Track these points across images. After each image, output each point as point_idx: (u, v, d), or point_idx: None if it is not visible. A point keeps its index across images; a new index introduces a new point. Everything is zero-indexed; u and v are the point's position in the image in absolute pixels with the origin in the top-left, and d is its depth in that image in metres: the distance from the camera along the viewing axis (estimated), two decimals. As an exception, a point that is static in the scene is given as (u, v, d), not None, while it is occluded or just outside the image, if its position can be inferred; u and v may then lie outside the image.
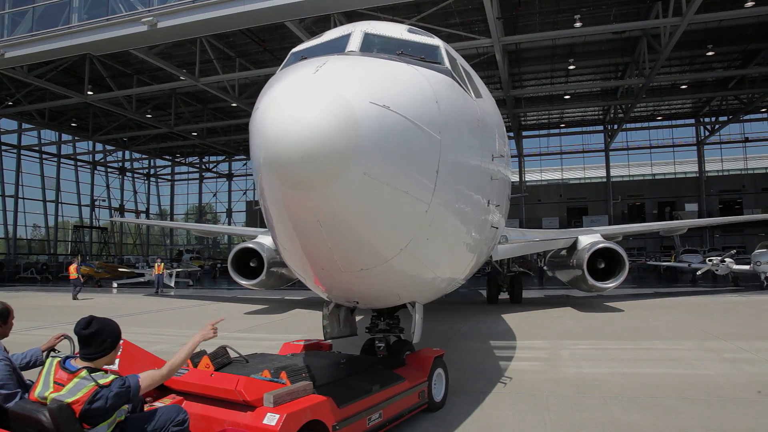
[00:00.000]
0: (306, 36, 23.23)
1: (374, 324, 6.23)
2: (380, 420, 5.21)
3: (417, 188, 3.97)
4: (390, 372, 5.82)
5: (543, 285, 28.86)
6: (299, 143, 3.23)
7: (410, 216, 4.10)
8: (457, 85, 4.87)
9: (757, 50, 32.51)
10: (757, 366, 8.68)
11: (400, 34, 5.06)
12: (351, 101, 3.37)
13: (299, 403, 4.31)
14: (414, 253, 4.43)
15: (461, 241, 5.41)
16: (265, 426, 4.01)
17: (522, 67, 35.29)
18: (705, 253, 33.71)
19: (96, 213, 56.19)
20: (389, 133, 3.55)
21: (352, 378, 5.47)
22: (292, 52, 5.36)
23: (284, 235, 4.22)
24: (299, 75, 3.61)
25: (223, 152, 58.65)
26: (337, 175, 3.36)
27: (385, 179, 3.63)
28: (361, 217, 3.77)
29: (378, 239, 4.09)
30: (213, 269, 47.56)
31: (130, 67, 31.43)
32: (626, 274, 16.64)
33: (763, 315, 15.55)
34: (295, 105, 3.34)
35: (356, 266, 4.25)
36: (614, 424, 5.89)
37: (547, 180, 55.89)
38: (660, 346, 10.65)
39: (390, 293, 5.18)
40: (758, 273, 22.44)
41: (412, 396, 5.79)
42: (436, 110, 4.08)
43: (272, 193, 3.70)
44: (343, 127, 3.27)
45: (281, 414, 4.06)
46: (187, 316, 16.88)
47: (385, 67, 4.02)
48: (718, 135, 50.37)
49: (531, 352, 10.17)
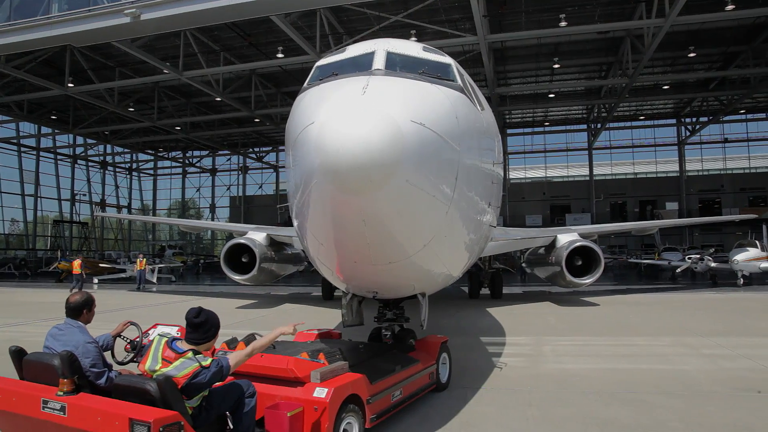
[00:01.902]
0: (292, 31, 23.13)
1: (382, 314, 6.76)
2: (401, 397, 5.82)
3: (442, 192, 4.56)
4: (406, 355, 6.46)
5: (525, 282, 29.08)
6: (355, 156, 3.77)
7: (435, 216, 4.71)
8: (469, 101, 5.39)
9: (736, 53, 33.06)
10: (733, 361, 8.85)
11: (417, 53, 5.57)
12: (397, 120, 3.95)
13: (341, 379, 4.95)
14: (433, 249, 5.01)
15: (468, 238, 5.91)
16: (316, 398, 4.62)
17: (507, 66, 35.48)
18: (685, 251, 34.26)
19: (76, 207, 55.43)
20: (425, 146, 4.15)
21: (376, 359, 6.07)
22: (318, 66, 5.84)
23: (324, 232, 4.76)
24: (349, 94, 4.20)
25: (206, 147, 58.14)
26: (385, 182, 3.93)
27: (421, 185, 4.23)
28: (399, 217, 4.37)
29: (408, 236, 4.68)
30: (196, 265, 47.15)
31: (113, 59, 30.98)
32: (602, 271, 17.41)
33: (739, 312, 15.85)
34: (351, 123, 3.88)
35: (386, 260, 4.81)
36: (595, 418, 5.97)
37: (531, 178, 56.30)
38: (640, 342, 10.81)
39: (407, 284, 5.80)
40: (735, 271, 22.87)
41: (424, 377, 6.42)
42: (456, 125, 4.68)
43: (323, 196, 4.19)
44: (392, 143, 3.86)
45: (329, 388, 4.69)
46: (169, 313, 16.73)
47: (417, 88, 4.60)
48: (698, 135, 51.15)
49: (514, 348, 10.25)
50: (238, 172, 63.17)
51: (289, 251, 20.19)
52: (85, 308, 4.86)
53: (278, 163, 61.87)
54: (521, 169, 55.45)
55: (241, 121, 46.05)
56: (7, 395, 4.18)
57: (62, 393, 3.98)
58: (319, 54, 25.18)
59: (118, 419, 3.67)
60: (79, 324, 4.77)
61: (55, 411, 3.92)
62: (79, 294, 4.95)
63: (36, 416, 4.00)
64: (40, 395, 4.01)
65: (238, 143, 56.48)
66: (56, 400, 3.94)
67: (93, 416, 3.80)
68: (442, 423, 5.86)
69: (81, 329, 4.71)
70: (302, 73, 34.79)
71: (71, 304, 4.82)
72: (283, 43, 27.19)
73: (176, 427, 3.67)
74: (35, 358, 4.44)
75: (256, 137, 54.86)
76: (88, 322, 4.87)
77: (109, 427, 3.70)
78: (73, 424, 3.85)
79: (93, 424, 3.77)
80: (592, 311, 16.35)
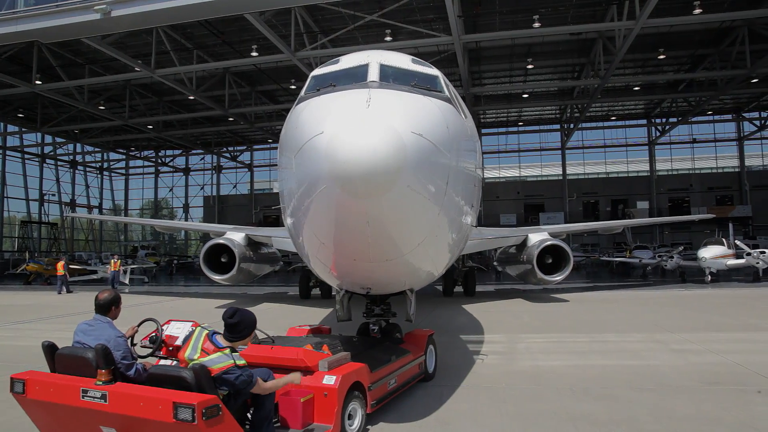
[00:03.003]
0: (267, 29, 22.94)
1: (370, 309, 7.17)
2: (395, 385, 6.29)
3: (435, 196, 4.91)
4: (398, 347, 6.92)
5: (500, 280, 29.38)
6: (364, 164, 4.16)
7: (428, 218, 5.09)
8: (456, 111, 5.73)
9: (704, 55, 33.88)
10: (702, 356, 9.08)
11: (407, 65, 5.95)
12: (399, 132, 4.33)
13: (346, 368, 5.36)
14: (425, 247, 5.44)
15: (453, 238, 6.26)
16: (325, 385, 5.06)
17: (482, 66, 35.76)
18: (655, 249, 34.99)
19: (45, 208, 54.02)
20: (423, 155, 4.52)
21: (373, 350, 6.50)
22: (314, 76, 6.13)
23: (327, 232, 5.12)
24: (354, 107, 4.56)
25: (179, 146, 57.34)
26: (390, 187, 4.33)
27: (418, 190, 4.62)
28: (399, 218, 4.79)
29: (405, 236, 5.07)
30: (170, 266, 46.44)
31: (82, 56, 30.31)
32: (571, 269, 18.33)
33: (707, 308, 16.25)
34: (359, 135, 4.24)
35: (384, 257, 5.24)
36: (568, 413, 6.06)
37: (506, 177, 56.84)
38: (611, 339, 11.02)
39: (399, 281, 6.25)
40: (703, 268, 23.44)
41: (414, 367, 6.90)
42: (447, 134, 5.03)
43: (331, 199, 4.51)
44: (396, 152, 4.24)
45: (337, 375, 5.15)
46: (144, 314, 16.48)
47: (414, 101, 4.98)
48: (668, 136, 52.26)
49: (489, 345, 10.34)
50: (212, 172, 62.41)
51: (266, 251, 20.30)
52: (113, 305, 5.15)
53: (253, 162, 61.36)
54: (495, 169, 55.93)
55: (214, 120, 45.53)
56: (45, 386, 4.48)
57: (101, 382, 4.29)
58: (293, 53, 25.05)
59: (162, 403, 3.96)
60: (108, 319, 5.07)
61: (95, 399, 4.23)
62: (108, 292, 5.26)
63: (76, 405, 4.30)
64: (79, 385, 4.32)
65: (212, 142, 55.84)
66: (96, 389, 4.25)
67: (135, 402, 4.11)
68: (419, 420, 5.89)
69: (110, 324, 5.01)
70: (277, 72, 34.60)
71: (101, 301, 5.10)
72: (257, 41, 26.96)
73: (215, 410, 4.01)
74: (68, 352, 4.74)
75: (230, 136, 54.30)
76: (115, 318, 5.16)
77: (152, 411, 4.00)
78: (116, 410, 4.17)
79: (136, 409, 4.09)
80: (565, 309, 16.61)
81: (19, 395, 4.58)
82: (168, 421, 3.90)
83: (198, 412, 3.83)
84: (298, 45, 25.23)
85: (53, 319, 15.20)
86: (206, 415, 3.90)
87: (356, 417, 5.38)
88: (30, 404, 4.63)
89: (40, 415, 4.72)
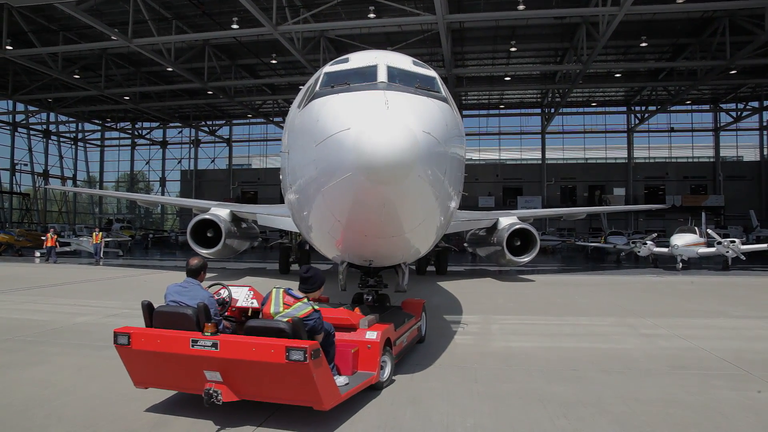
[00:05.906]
0: (248, 1, 22.44)
1: (364, 281, 7.88)
2: (405, 344, 7.39)
3: (436, 183, 5.78)
4: (404, 311, 8.06)
5: (474, 262, 29.65)
6: (386, 157, 5.06)
7: (430, 201, 6.01)
8: (450, 108, 6.51)
9: (685, 45, 34.19)
10: (670, 341, 9.27)
11: (409, 67, 6.78)
12: (414, 131, 5.26)
13: (380, 326, 6.43)
14: (424, 226, 6.48)
15: (442, 220, 7.02)
16: (369, 339, 6.14)
17: (465, 47, 35.60)
18: (630, 236, 35.55)
19: (17, 178, 52.71)
20: (430, 149, 5.43)
21: (387, 313, 7.45)
22: (326, 73, 6.83)
23: (343, 211, 5.94)
24: (375, 108, 5.41)
25: (157, 118, 56.31)
26: (405, 177, 5.27)
27: (426, 178, 5.54)
28: (409, 201, 5.75)
29: (410, 215, 6.01)
30: (145, 240, 45.80)
31: (56, 22, 29.40)
32: (537, 251, 19.68)
33: (677, 294, 16.59)
34: (383, 132, 5.13)
35: (390, 233, 6.20)
36: (537, 394, 6.15)
37: (485, 160, 57.01)
38: (583, 322, 11.18)
39: (398, 254, 7.16)
40: (675, 255, 23.90)
41: (415, 330, 7.99)
42: (446, 130, 5.92)
43: (353, 184, 5.35)
44: (411, 148, 5.16)
45: (378, 331, 6.25)
46: (123, 287, 16.27)
47: (422, 103, 5.87)
48: (646, 123, 52.86)
49: (463, 326, 10.42)
50: (190, 146, 61.49)
51: (246, 227, 20.89)
52: (202, 270, 5.92)
53: (231, 137, 60.52)
54: (476, 151, 55.93)
55: (193, 93, 44.72)
56: (152, 338, 5.14)
57: (210, 333, 5.03)
58: (275, 26, 24.60)
59: (274, 348, 4.74)
60: (198, 282, 5.80)
61: (205, 347, 4.91)
62: (197, 259, 5.96)
63: (186, 353, 4.97)
64: (188, 336, 5.00)
65: (190, 116, 54.93)
66: (206, 339, 4.95)
67: (247, 348, 4.86)
68: (391, 399, 5.94)
69: (200, 286, 5.77)
70: (257, 46, 33.99)
71: (192, 266, 5.84)
72: (238, 13, 26.41)
73: (318, 352, 4.87)
74: (167, 309, 5.41)
75: (209, 110, 53.44)
76: (202, 281, 5.91)
77: (264, 354, 4.76)
78: (227, 355, 4.87)
79: (248, 353, 4.82)
80: (538, 291, 16.85)
81: (123, 347, 5.17)
82: (281, 362, 4.67)
83: (309, 354, 4.64)
84: (280, 19, 24.76)
85: (28, 291, 14.90)
86: (314, 356, 4.72)
87: (387, 367, 6.34)
88: (134, 354, 5.21)
89: (141, 364, 5.32)
